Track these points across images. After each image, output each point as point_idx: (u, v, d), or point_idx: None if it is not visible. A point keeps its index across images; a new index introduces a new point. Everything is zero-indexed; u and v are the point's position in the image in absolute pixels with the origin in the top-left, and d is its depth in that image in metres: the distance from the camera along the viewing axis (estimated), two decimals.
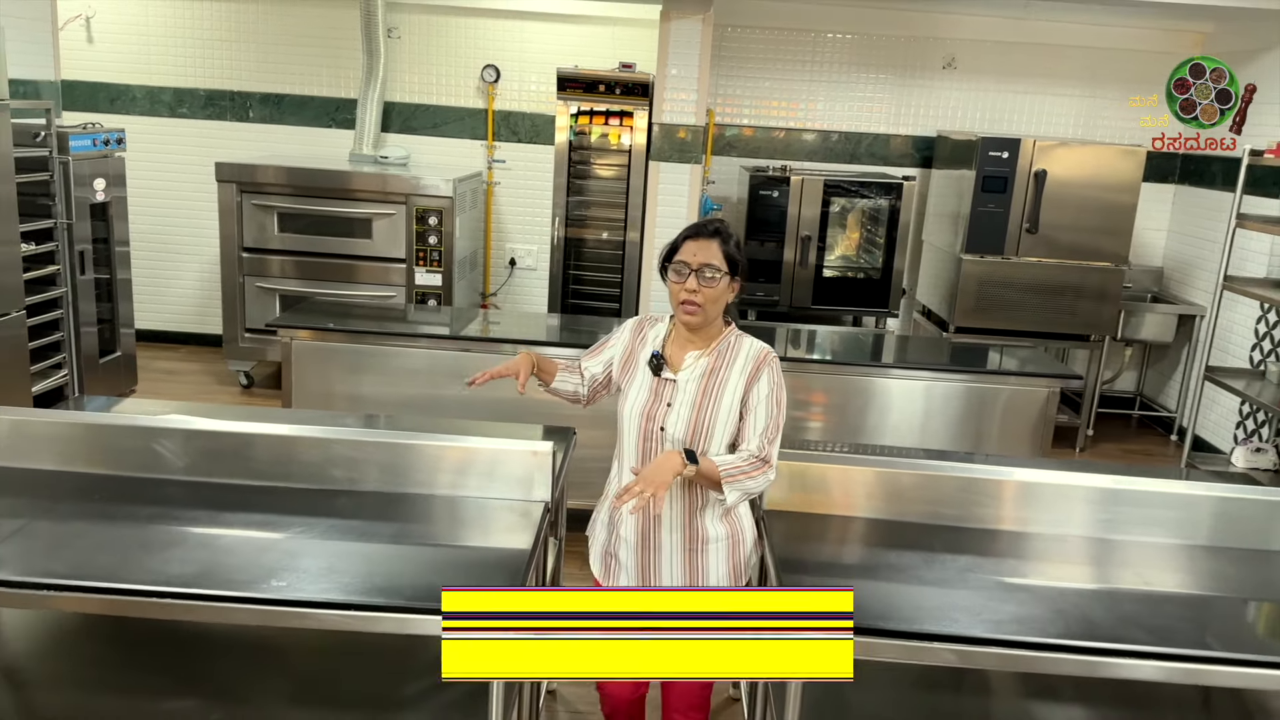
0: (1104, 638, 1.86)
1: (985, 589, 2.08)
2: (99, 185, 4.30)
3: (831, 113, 5.78)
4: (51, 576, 1.84)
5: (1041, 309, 5.07)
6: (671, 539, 2.17)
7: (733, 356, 2.17)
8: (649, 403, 2.16)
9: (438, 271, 5.20)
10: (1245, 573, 2.25)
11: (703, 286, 2.08)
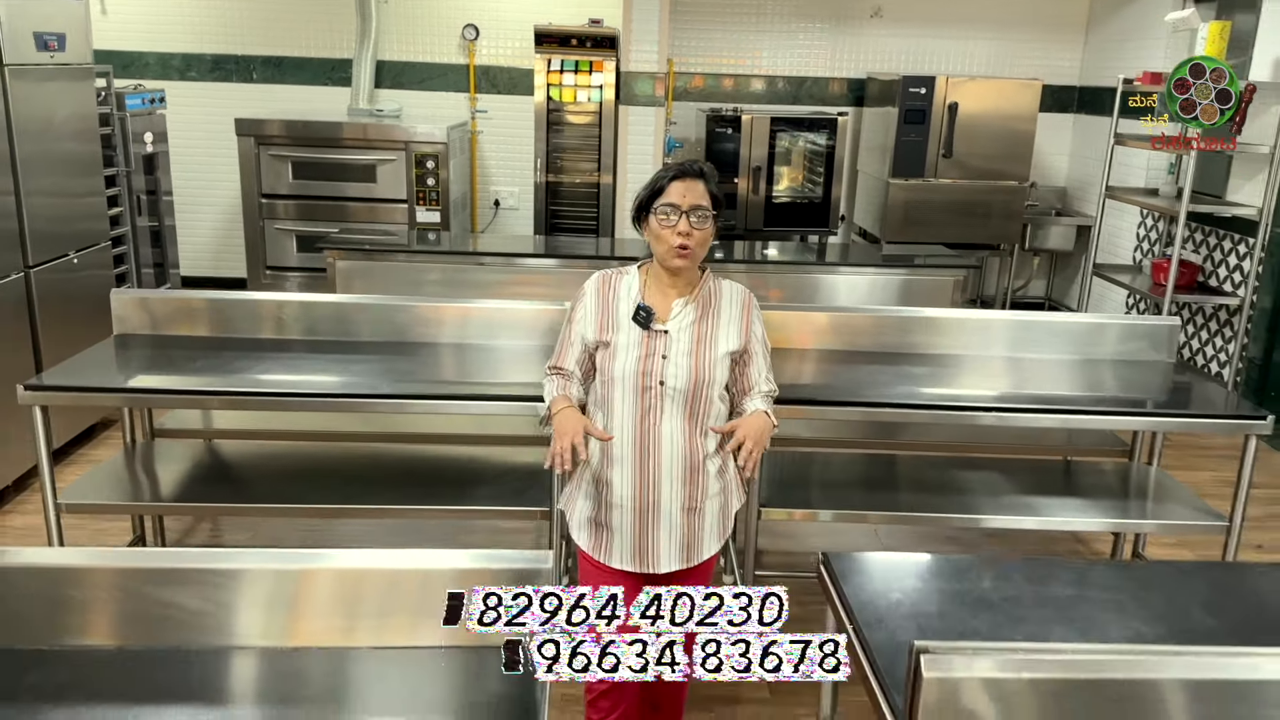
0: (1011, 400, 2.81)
1: (917, 381, 3.00)
2: (148, 139, 5.06)
3: (776, 60, 6.64)
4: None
5: (958, 223, 6.01)
6: (673, 495, 2.11)
7: (717, 300, 2.15)
8: (642, 358, 2.08)
9: (436, 209, 6.01)
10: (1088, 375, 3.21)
11: (695, 229, 2.02)
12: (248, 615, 1.55)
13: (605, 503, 2.14)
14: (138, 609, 1.55)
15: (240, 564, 1.57)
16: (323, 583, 1.56)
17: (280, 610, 1.54)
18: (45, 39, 3.94)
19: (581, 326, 2.16)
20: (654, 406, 2.08)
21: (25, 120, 3.82)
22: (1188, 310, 5.56)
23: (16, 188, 3.80)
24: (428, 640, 1.54)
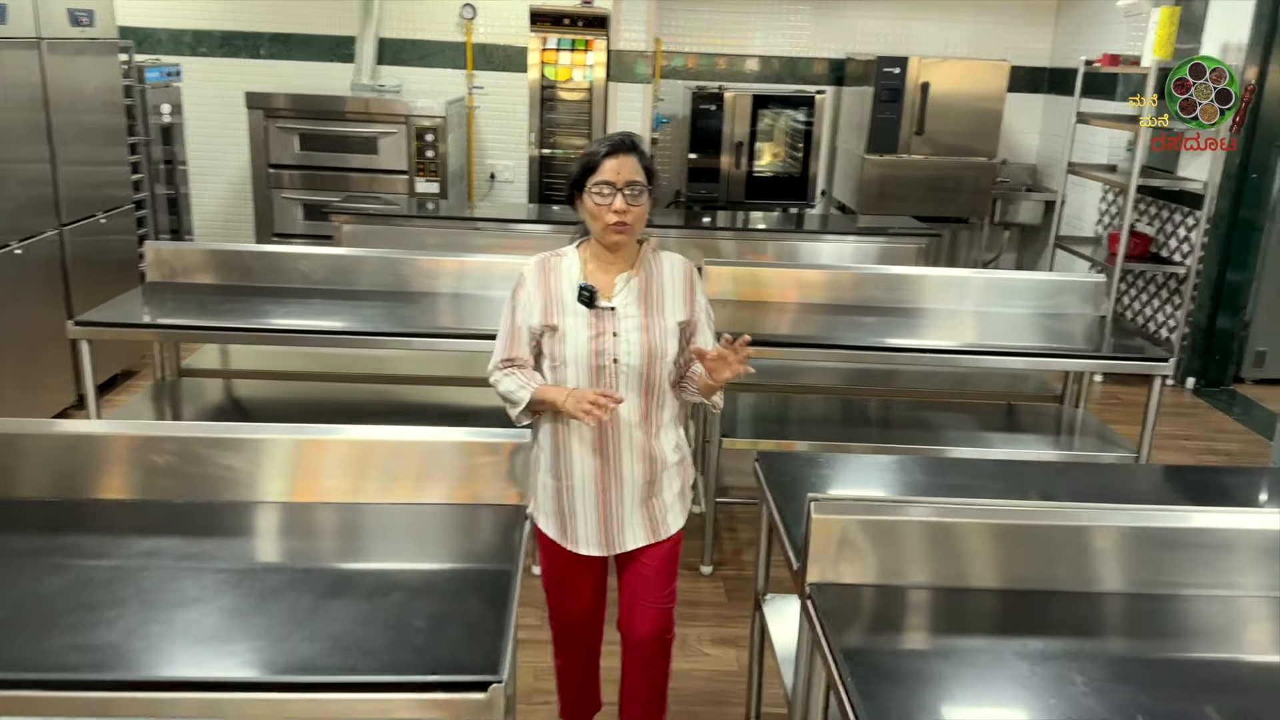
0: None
1: (868, 329, 3.41)
2: (165, 110, 5.44)
3: (761, 40, 7.01)
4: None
5: (930, 198, 6.40)
6: (633, 473, 2.15)
7: (659, 272, 2.16)
8: (593, 337, 2.08)
9: (435, 180, 6.39)
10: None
11: (630, 205, 2.03)
12: (270, 476, 1.93)
13: (568, 489, 2.15)
14: (178, 469, 1.93)
15: (265, 435, 1.96)
16: (336, 450, 1.95)
17: (299, 473, 1.93)
18: (76, 15, 4.32)
19: (525, 314, 2.13)
20: (609, 386, 2.08)
21: (59, 91, 4.21)
22: (1141, 279, 5.96)
23: (52, 154, 4.19)
24: (429, 499, 1.94)
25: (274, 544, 1.89)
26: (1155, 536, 1.79)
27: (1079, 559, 1.78)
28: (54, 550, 1.73)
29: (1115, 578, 1.78)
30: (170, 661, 1.46)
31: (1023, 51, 6.92)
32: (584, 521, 2.17)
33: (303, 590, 1.65)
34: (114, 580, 1.64)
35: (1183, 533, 1.79)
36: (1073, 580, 1.77)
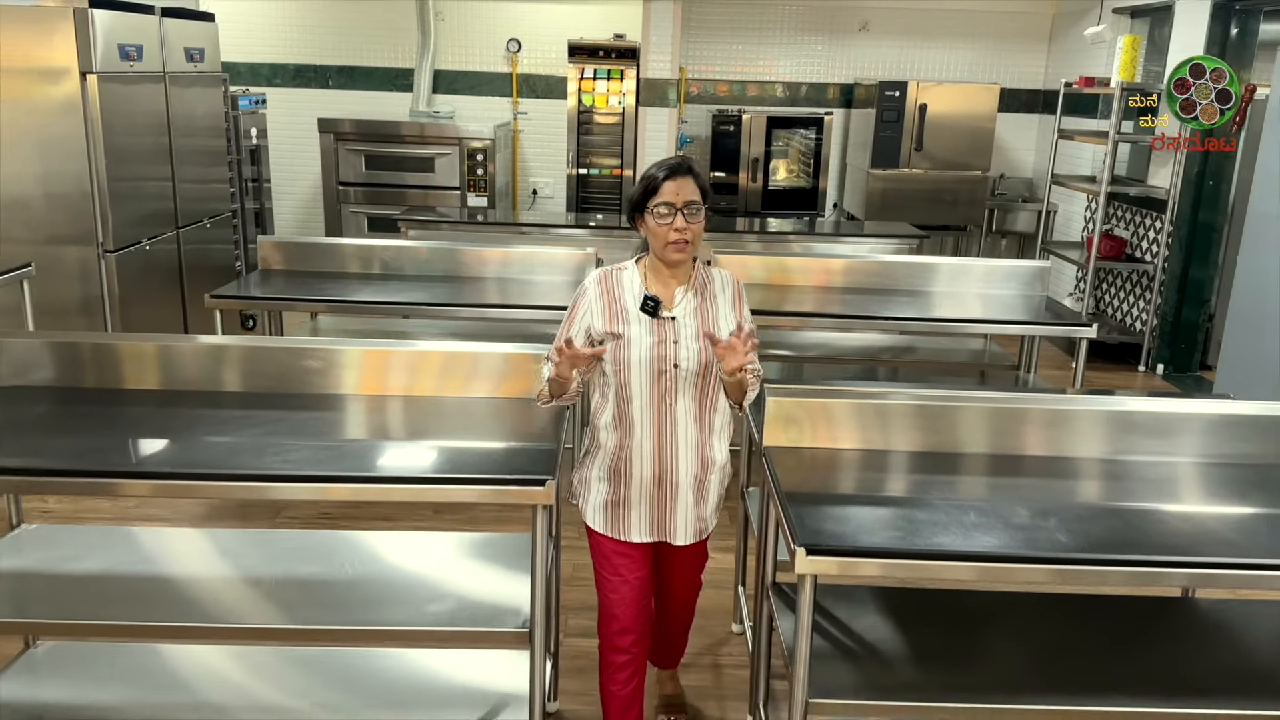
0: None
1: (857, 305, 4.18)
2: (253, 134, 6.38)
3: (776, 67, 7.84)
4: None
5: (928, 208, 7.15)
6: (687, 472, 2.33)
7: (711, 286, 2.35)
8: (655, 344, 2.27)
9: (484, 195, 7.28)
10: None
11: (690, 223, 2.21)
12: (348, 376, 2.72)
13: (625, 484, 2.34)
14: (274, 371, 2.73)
15: (344, 345, 2.76)
16: (400, 358, 2.74)
17: (370, 374, 2.72)
18: (191, 52, 5.27)
19: (586, 320, 2.32)
20: (669, 389, 2.28)
21: (177, 118, 5.14)
22: (1118, 277, 6.66)
23: (172, 171, 5.12)
24: (477, 394, 2.73)
25: (363, 418, 2.63)
26: (1024, 413, 2.55)
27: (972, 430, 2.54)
28: (207, 417, 2.52)
29: (1004, 444, 2.55)
30: (298, 469, 2.23)
31: (1018, 75, 7.70)
32: (638, 513, 2.37)
33: (394, 439, 2.46)
34: (243, 434, 2.41)
35: (1052, 412, 2.55)
36: (974, 445, 2.54)
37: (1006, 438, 2.57)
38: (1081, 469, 2.51)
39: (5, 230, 4.48)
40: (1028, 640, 2.47)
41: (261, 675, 2.69)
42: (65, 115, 4.41)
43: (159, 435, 2.46)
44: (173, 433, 2.46)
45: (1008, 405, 2.58)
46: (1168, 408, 2.62)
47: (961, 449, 2.57)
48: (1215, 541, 2.15)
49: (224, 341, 2.79)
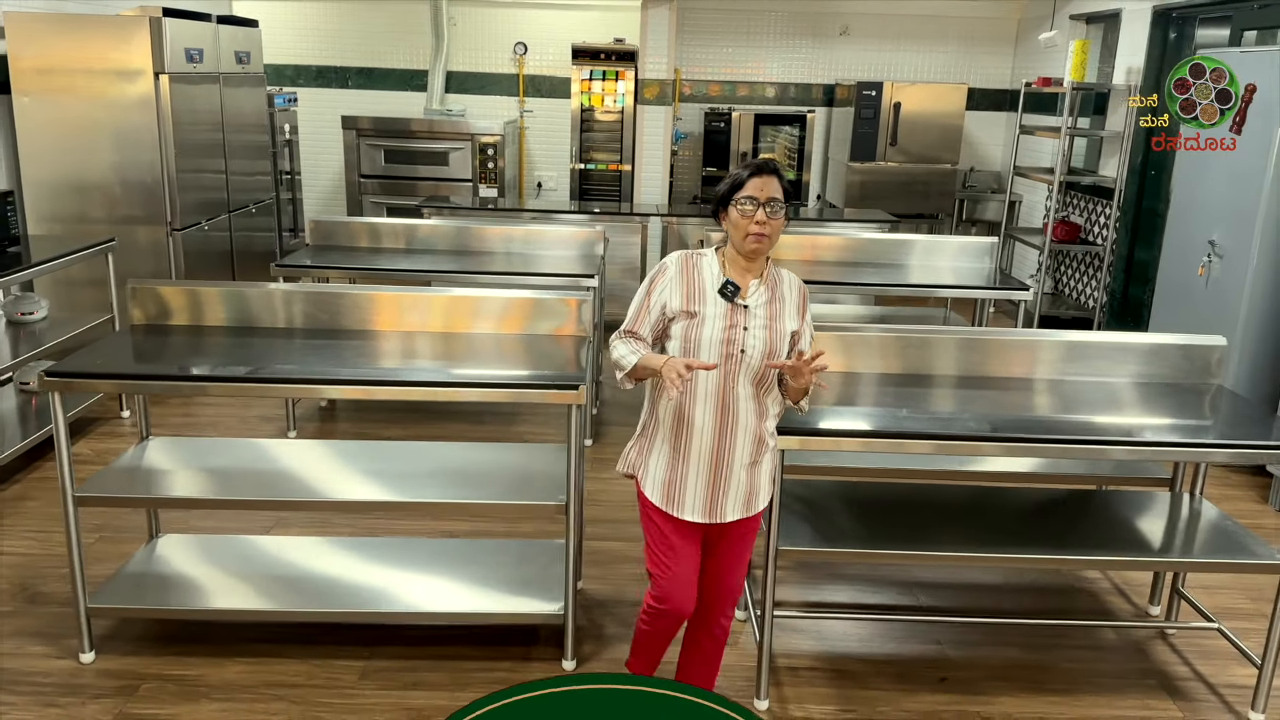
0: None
1: None
2: (287, 129, 7.08)
3: (764, 69, 8.58)
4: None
5: (903, 198, 7.89)
6: (742, 452, 2.46)
7: (780, 284, 2.50)
8: (727, 327, 2.40)
9: (494, 187, 7.98)
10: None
11: (770, 219, 2.35)
12: (387, 316, 3.42)
13: (684, 460, 2.46)
14: (318, 313, 3.44)
15: (379, 292, 3.46)
16: (434, 302, 3.45)
17: (409, 314, 3.43)
18: (240, 55, 5.98)
19: (664, 296, 2.45)
20: (733, 372, 2.40)
21: (229, 114, 5.85)
22: (1073, 259, 7.41)
23: (225, 162, 5.82)
24: (508, 331, 3.44)
25: (412, 345, 3.34)
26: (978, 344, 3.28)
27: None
28: (288, 344, 3.23)
29: (952, 367, 3.27)
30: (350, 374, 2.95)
31: (987, 76, 8.45)
32: (693, 491, 2.47)
33: (447, 359, 3.17)
34: (325, 355, 3.12)
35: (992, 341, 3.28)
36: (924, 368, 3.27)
37: (955, 363, 3.30)
38: (1012, 384, 3.24)
39: (88, 212, 5.18)
40: (957, 518, 3.20)
41: (349, 563, 3.40)
42: (140, 111, 5.11)
43: (254, 353, 3.18)
44: (263, 352, 3.18)
45: (958, 337, 3.31)
46: (1080, 338, 3.35)
47: (918, 371, 3.29)
48: (1076, 428, 2.88)
49: (303, 289, 3.51)
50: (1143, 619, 3.54)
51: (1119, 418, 3.06)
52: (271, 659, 3.10)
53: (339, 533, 3.82)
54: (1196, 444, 2.85)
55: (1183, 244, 5.24)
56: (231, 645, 3.16)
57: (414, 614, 3.12)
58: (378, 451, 3.49)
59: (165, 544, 3.46)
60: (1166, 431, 2.98)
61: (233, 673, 3.03)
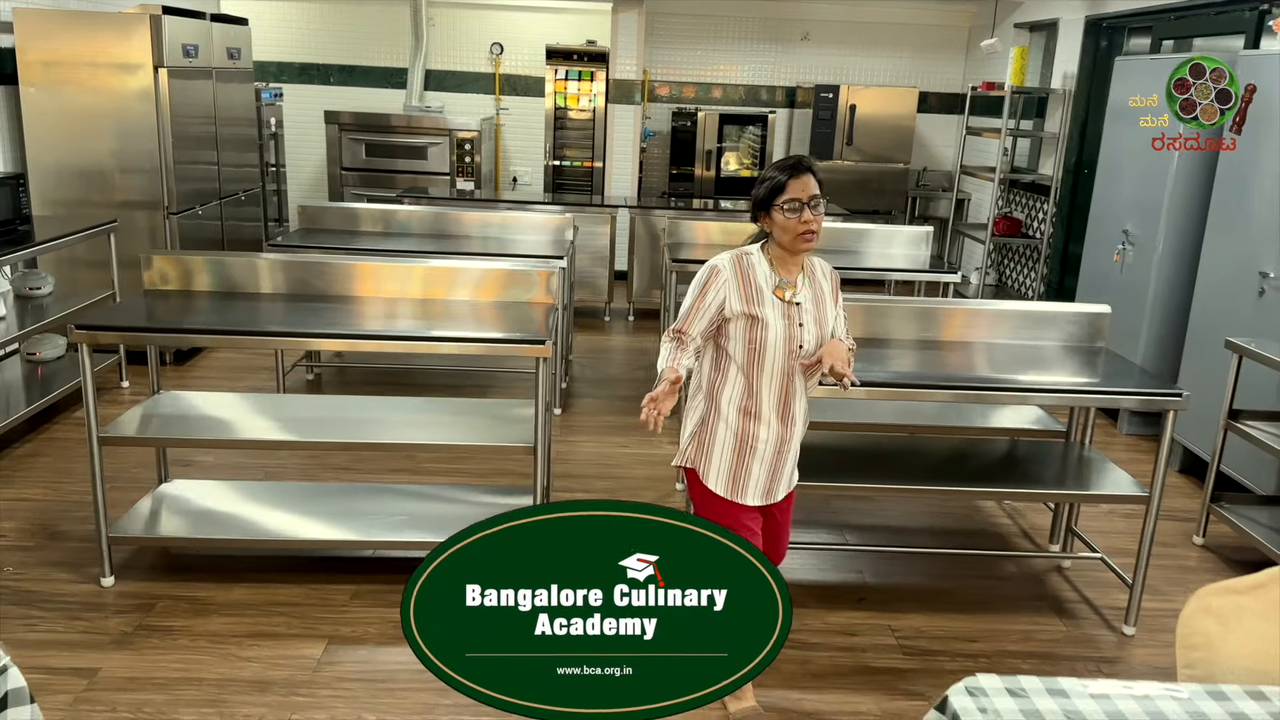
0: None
1: None
2: (273, 123, 7.49)
3: (729, 71, 9.07)
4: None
5: (858, 195, 8.40)
6: (795, 434, 2.66)
7: (817, 274, 2.63)
8: (788, 326, 2.53)
9: (471, 180, 8.41)
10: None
11: (816, 216, 2.45)
12: (370, 284, 3.87)
13: (751, 450, 2.61)
14: (310, 280, 3.89)
15: (364, 262, 3.91)
16: (415, 272, 3.89)
17: (391, 282, 3.87)
18: (231, 51, 6.39)
19: (720, 297, 2.52)
20: (793, 369, 2.55)
21: (221, 107, 6.26)
22: (1014, 252, 7.95)
23: (218, 153, 6.24)
24: (482, 299, 3.89)
25: (391, 308, 3.79)
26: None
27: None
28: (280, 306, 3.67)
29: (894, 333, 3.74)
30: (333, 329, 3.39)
31: (940, 80, 8.99)
32: (755, 479, 2.64)
33: (414, 321, 3.62)
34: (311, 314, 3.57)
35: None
36: None
37: (883, 328, 3.77)
38: (926, 345, 3.72)
39: (89, 196, 5.58)
40: (883, 462, 3.68)
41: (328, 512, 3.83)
42: (140, 102, 5.52)
43: (252, 314, 3.61)
44: (259, 313, 3.62)
45: (883, 304, 3.80)
46: (988, 306, 3.84)
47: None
48: (974, 379, 3.38)
49: (296, 259, 3.95)
50: (1041, 554, 4.04)
51: (1014, 374, 3.56)
52: (271, 584, 3.53)
53: (329, 481, 4.25)
54: (1057, 389, 3.36)
55: (1102, 235, 5.76)
56: (235, 572, 3.58)
57: (398, 543, 3.56)
58: (363, 404, 3.94)
59: (172, 487, 3.89)
60: (1049, 381, 3.47)
61: (238, 594, 3.46)
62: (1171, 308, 5.18)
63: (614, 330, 7.39)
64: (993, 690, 1.75)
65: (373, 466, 4.48)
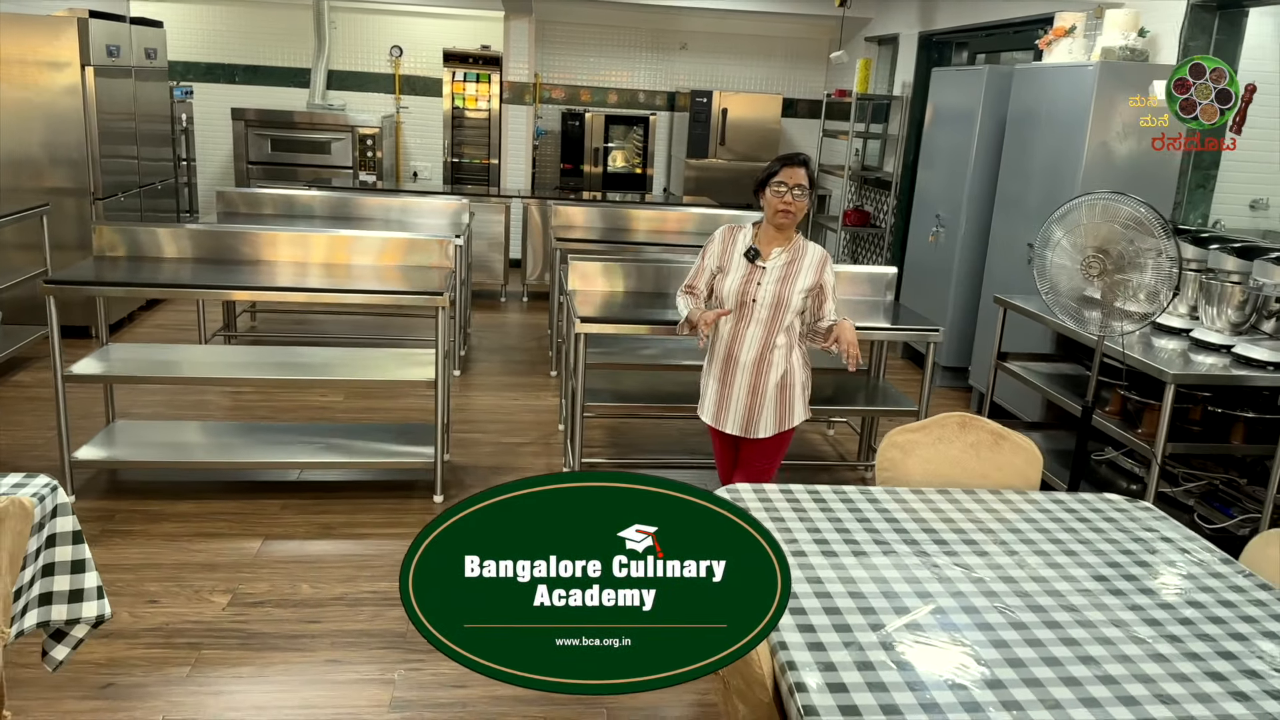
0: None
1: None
2: (183, 119, 8.08)
3: (614, 76, 9.98)
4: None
5: (731, 190, 9.37)
6: (767, 379, 3.27)
7: (802, 254, 3.23)
8: (744, 280, 3.20)
9: (373, 174, 9.12)
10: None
11: (795, 200, 3.12)
12: (285, 250, 4.65)
13: (728, 388, 3.32)
14: (235, 246, 4.66)
15: (278, 231, 4.70)
16: (322, 240, 4.68)
17: (303, 249, 4.66)
18: (149, 51, 7.00)
19: (710, 259, 3.30)
20: (749, 316, 3.20)
21: (140, 104, 6.87)
22: (865, 240, 9.07)
23: (137, 147, 6.85)
24: (385, 263, 4.69)
25: (298, 270, 4.57)
26: None
27: None
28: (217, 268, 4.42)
29: None
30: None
31: (805, 88, 10.07)
32: (733, 411, 3.34)
33: (325, 280, 4.41)
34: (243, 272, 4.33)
35: None
36: None
37: None
38: None
39: (20, 182, 6.14)
40: None
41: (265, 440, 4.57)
42: (68, 97, 6.12)
43: (187, 274, 4.35)
44: (192, 273, 4.36)
45: None
46: None
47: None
48: None
49: (220, 228, 4.69)
50: (848, 464, 5.03)
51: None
52: (213, 499, 4.26)
53: (258, 420, 4.99)
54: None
55: (921, 220, 6.85)
56: (179, 494, 4.30)
57: (321, 464, 4.33)
58: (282, 352, 4.69)
59: (121, 425, 4.57)
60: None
61: (183, 508, 4.18)
62: (973, 277, 6.28)
63: (509, 309, 8.21)
64: (744, 494, 2.66)
65: (292, 417, 5.21)
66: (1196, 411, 4.08)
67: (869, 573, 2.20)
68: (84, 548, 2.54)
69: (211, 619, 3.37)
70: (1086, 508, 2.66)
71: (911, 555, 2.31)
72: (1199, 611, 2.11)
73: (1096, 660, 1.89)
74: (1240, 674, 1.87)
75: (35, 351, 6.00)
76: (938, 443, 2.84)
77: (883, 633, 1.94)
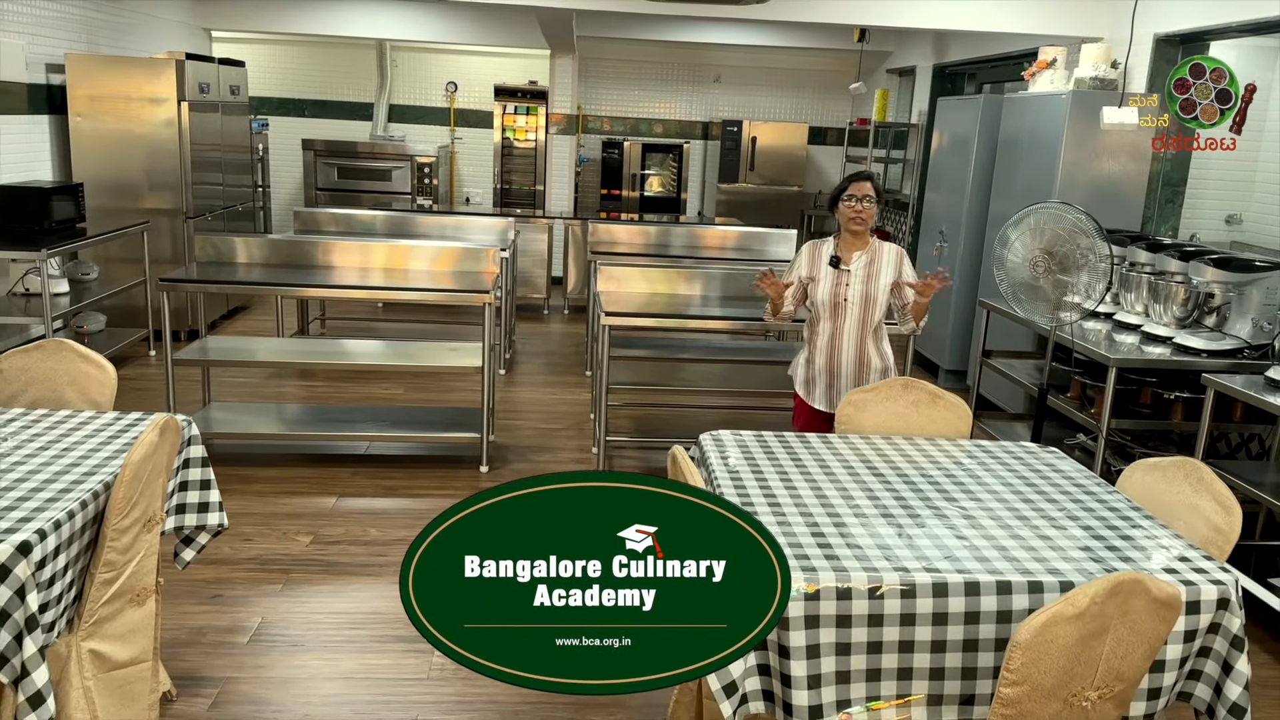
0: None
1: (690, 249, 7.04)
2: (260, 148, 9.03)
3: (651, 107, 10.79)
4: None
5: (760, 213, 10.11)
6: (849, 363, 3.83)
7: (880, 254, 3.77)
8: (834, 285, 3.74)
9: (430, 198, 10.00)
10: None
11: (865, 209, 3.67)
12: (351, 258, 5.45)
13: (817, 368, 3.88)
14: (313, 254, 5.47)
15: (347, 241, 5.50)
16: (381, 250, 5.48)
17: (367, 256, 5.46)
18: (233, 88, 7.94)
19: (798, 270, 3.83)
20: (843, 316, 3.76)
21: (226, 136, 7.80)
22: None
23: (222, 174, 7.77)
24: (439, 269, 5.47)
25: (364, 275, 5.37)
26: None
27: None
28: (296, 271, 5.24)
29: None
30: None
31: (832, 116, 10.79)
32: (821, 388, 3.91)
33: (387, 283, 5.19)
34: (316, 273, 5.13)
35: None
36: None
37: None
38: None
39: (123, 204, 7.07)
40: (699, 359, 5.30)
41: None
42: (167, 129, 7.05)
43: (275, 275, 5.16)
44: (280, 275, 5.18)
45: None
46: None
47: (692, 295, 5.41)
48: None
49: (297, 239, 5.52)
50: None
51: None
52: (294, 467, 5.05)
53: (332, 403, 5.78)
54: None
55: (929, 235, 7.50)
56: (267, 463, 5.10)
57: (386, 436, 5.09)
58: (350, 343, 5.49)
59: (216, 409, 5.39)
60: None
61: (271, 473, 4.97)
62: (971, 288, 6.91)
63: (552, 321, 8.98)
64: (725, 437, 3.34)
65: (355, 401, 6.01)
66: (1147, 395, 4.69)
67: (819, 499, 2.87)
68: (209, 470, 3.29)
69: (298, 553, 4.13)
70: (1002, 450, 3.31)
71: (856, 488, 2.97)
72: (1064, 512, 2.75)
73: (963, 533, 2.54)
74: (1081, 547, 2.51)
75: (134, 351, 6.88)
76: (885, 400, 3.50)
77: (818, 528, 2.62)
